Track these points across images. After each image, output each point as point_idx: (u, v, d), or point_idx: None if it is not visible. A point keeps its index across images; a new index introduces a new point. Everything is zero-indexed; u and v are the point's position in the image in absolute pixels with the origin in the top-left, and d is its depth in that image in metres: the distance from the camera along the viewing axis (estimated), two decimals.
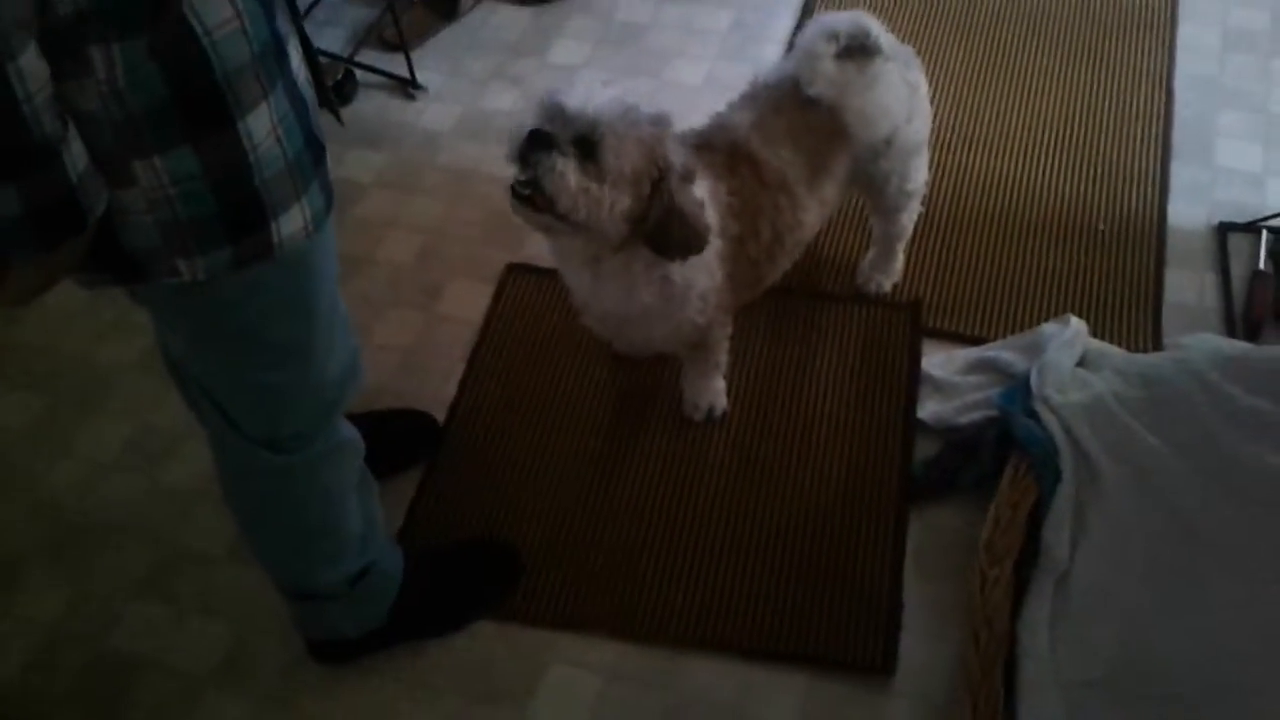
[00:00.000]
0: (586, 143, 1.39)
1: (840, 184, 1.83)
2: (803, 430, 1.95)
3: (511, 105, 2.62)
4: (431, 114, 2.61)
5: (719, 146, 1.67)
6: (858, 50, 1.74)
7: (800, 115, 1.73)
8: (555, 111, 1.41)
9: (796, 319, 2.10)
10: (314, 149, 1.12)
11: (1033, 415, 1.70)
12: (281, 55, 1.06)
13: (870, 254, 2.14)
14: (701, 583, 1.76)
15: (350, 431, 1.45)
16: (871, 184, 1.91)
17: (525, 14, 2.85)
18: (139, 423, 2.04)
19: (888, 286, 2.13)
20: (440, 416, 2.01)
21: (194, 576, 1.82)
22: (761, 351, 2.06)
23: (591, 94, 1.42)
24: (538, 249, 2.17)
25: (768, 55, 2.67)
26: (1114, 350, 1.82)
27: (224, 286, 1.11)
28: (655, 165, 1.43)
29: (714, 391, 1.94)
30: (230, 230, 1.06)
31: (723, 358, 1.91)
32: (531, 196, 1.40)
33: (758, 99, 1.78)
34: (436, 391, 2.05)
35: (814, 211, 1.78)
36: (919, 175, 1.94)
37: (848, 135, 1.76)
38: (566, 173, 1.37)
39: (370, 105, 2.64)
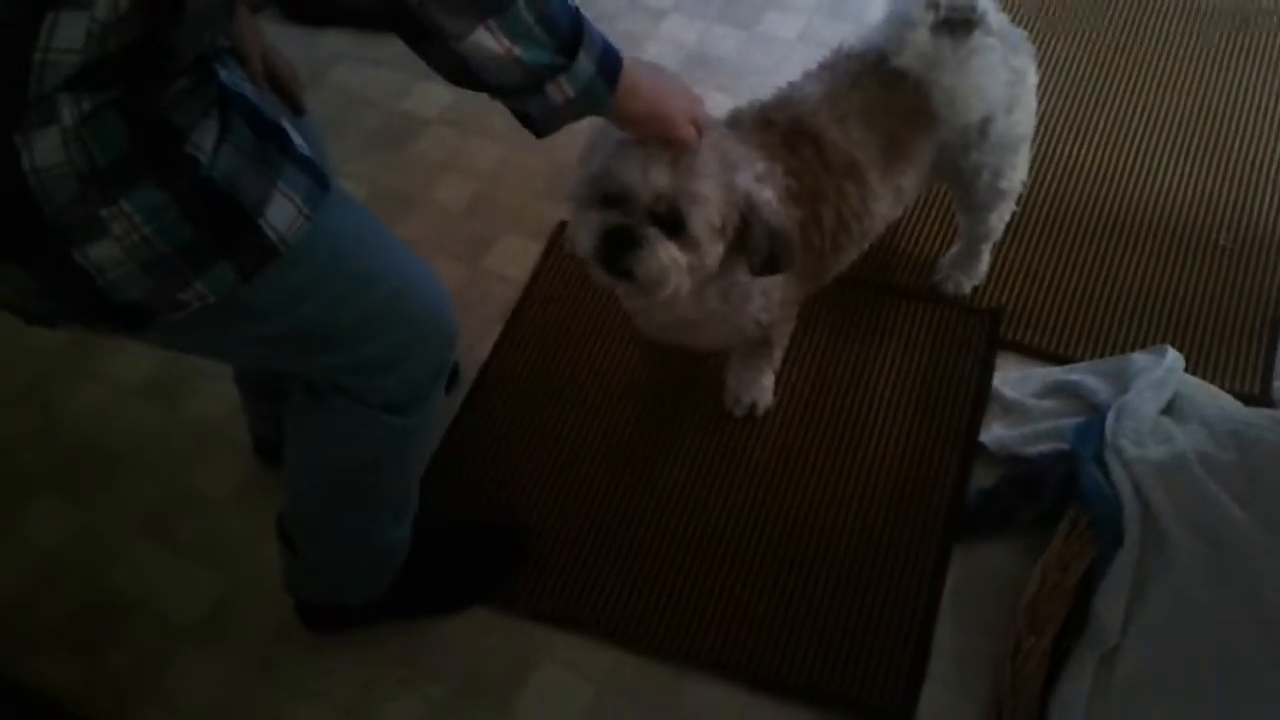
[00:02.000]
0: (670, 218, 1.27)
1: (922, 173, 1.63)
2: (852, 438, 1.78)
3: None
4: None
5: (780, 122, 1.49)
6: (959, 23, 1.53)
7: (881, 92, 1.54)
8: (620, 192, 1.28)
9: (860, 312, 1.92)
10: (272, 136, 1.05)
11: (1102, 465, 1.50)
12: (207, 62, 1.01)
13: (953, 250, 1.94)
14: (715, 596, 1.63)
15: None
16: (959, 178, 1.71)
17: None
18: (168, 354, 1.98)
19: (967, 288, 1.93)
20: (470, 376, 1.91)
21: (196, 518, 1.76)
22: (817, 344, 1.89)
23: (650, 159, 1.26)
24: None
25: (871, 14, 2.43)
26: (1207, 397, 1.59)
27: (253, 298, 1.06)
28: (741, 200, 1.31)
29: (760, 387, 1.79)
30: (217, 244, 1.00)
31: (779, 353, 1.75)
32: (626, 272, 1.31)
33: (835, 69, 1.58)
34: (469, 350, 1.93)
35: (887, 201, 1.59)
36: (1016, 174, 1.73)
37: (934, 118, 1.56)
38: (665, 256, 1.28)
39: None
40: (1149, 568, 1.39)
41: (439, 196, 2.20)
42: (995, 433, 1.75)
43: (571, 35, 1.03)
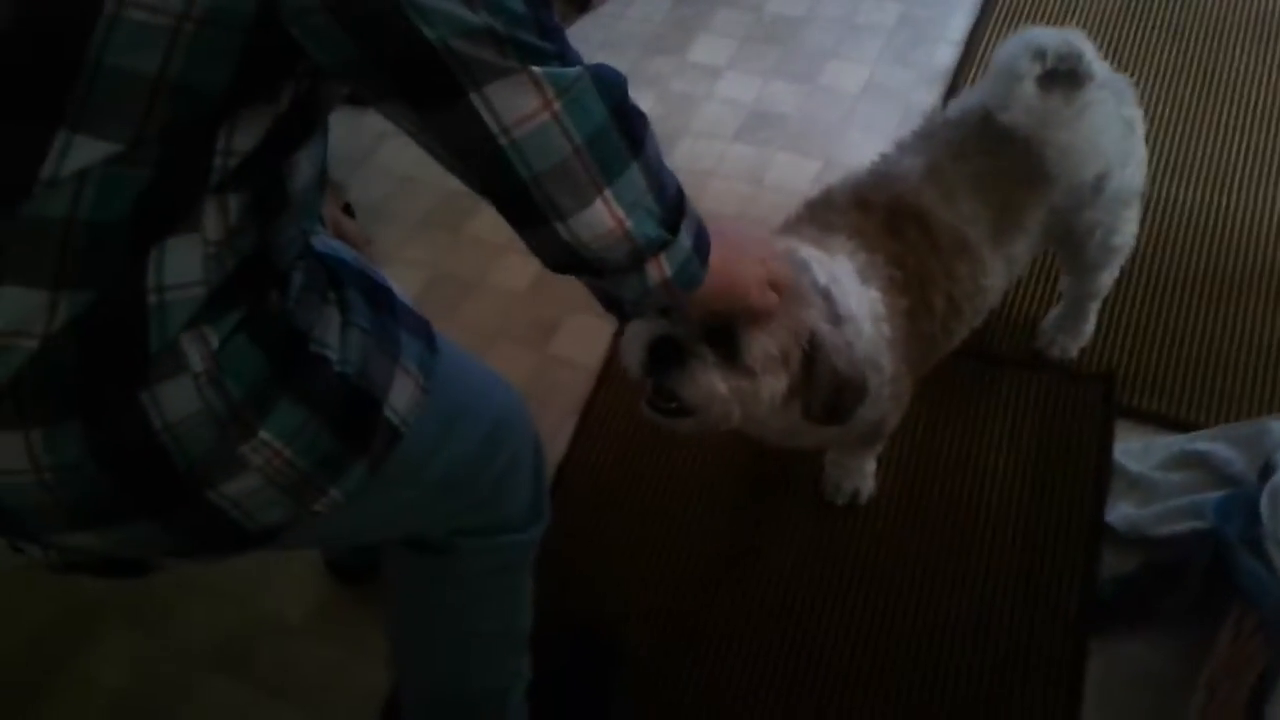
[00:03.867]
0: (722, 334, 1.14)
1: (1034, 240, 1.51)
2: (963, 524, 1.65)
3: (650, 108, 2.34)
4: None
5: (878, 203, 1.38)
6: (1065, 76, 1.42)
7: (988, 159, 1.42)
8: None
9: (961, 386, 1.79)
10: (384, 303, 0.98)
11: (1261, 554, 1.36)
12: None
13: (1056, 310, 1.81)
14: (820, 712, 1.50)
15: None
16: (1070, 238, 1.58)
17: (665, 4, 2.58)
18: None
19: (1074, 351, 1.79)
20: (548, 475, 1.79)
21: (270, 648, 1.66)
22: (918, 420, 1.76)
23: None
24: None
25: (939, 58, 2.33)
26: None
27: (382, 477, 0.98)
28: (802, 331, 1.17)
29: (863, 474, 1.66)
30: (355, 446, 0.93)
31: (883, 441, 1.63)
32: (675, 408, 1.18)
33: (934, 139, 1.47)
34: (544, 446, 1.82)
35: (1000, 274, 1.47)
36: (1129, 229, 1.61)
37: (1047, 179, 1.44)
38: (709, 381, 1.14)
39: None
40: None
41: (500, 278, 2.11)
42: (1122, 511, 1.61)
43: (676, 205, 0.90)
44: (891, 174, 1.43)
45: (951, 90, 2.24)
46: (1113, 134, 1.47)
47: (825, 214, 1.38)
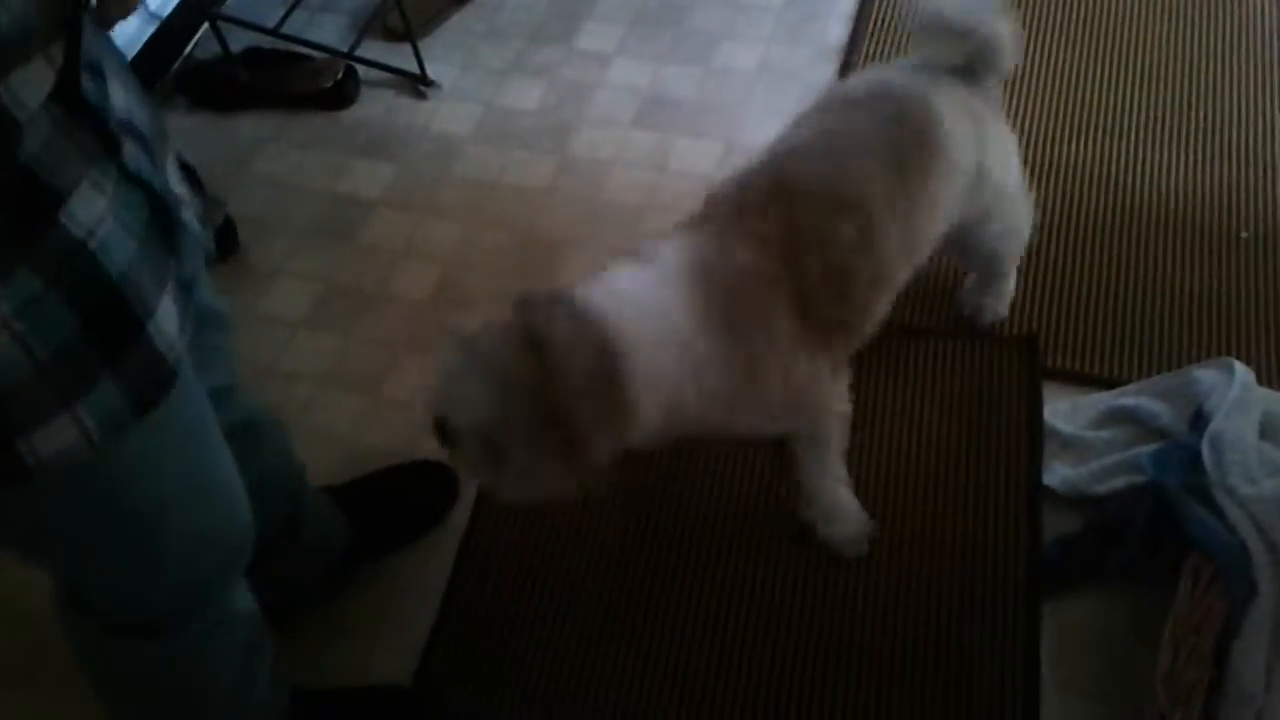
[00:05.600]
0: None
1: (936, 216, 1.42)
2: (904, 501, 1.62)
3: (538, 103, 2.27)
4: (445, 115, 2.27)
5: (760, 182, 1.31)
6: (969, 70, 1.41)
7: (885, 128, 1.36)
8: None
9: (887, 362, 1.76)
10: (107, 328, 0.80)
11: (1208, 502, 1.36)
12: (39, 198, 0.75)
13: (972, 277, 1.80)
14: (769, 702, 1.45)
15: None
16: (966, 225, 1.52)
17: None
18: None
19: (1004, 311, 1.78)
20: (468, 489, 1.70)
21: None
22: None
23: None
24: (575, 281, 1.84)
25: (831, 34, 2.30)
26: None
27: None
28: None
29: (838, 508, 1.56)
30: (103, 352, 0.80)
31: (837, 456, 1.52)
32: None
33: (829, 111, 1.43)
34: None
35: (899, 242, 1.37)
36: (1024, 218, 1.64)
37: (941, 156, 1.38)
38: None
39: (375, 107, 2.30)
40: None
41: (401, 288, 1.99)
42: (1059, 473, 1.60)
43: None
44: (778, 149, 1.38)
45: (846, 66, 2.22)
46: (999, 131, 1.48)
47: (713, 206, 1.32)
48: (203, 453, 1.00)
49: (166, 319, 0.85)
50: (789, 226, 1.27)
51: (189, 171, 2.04)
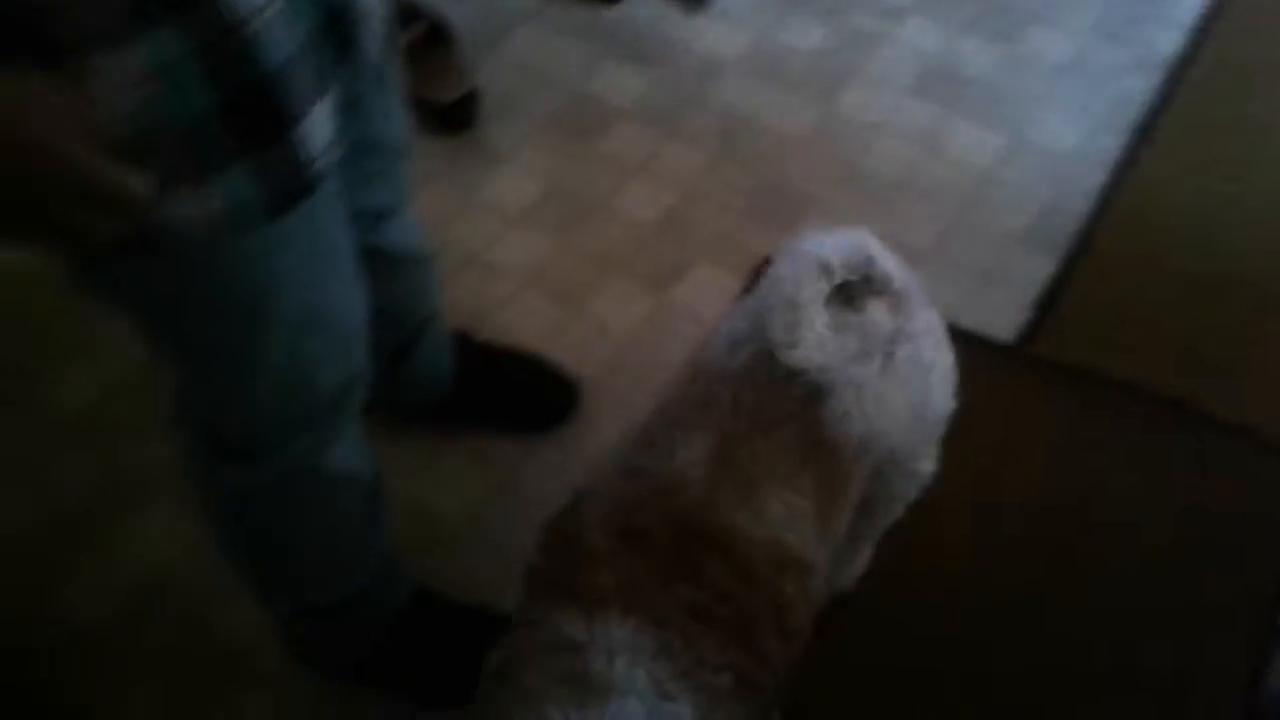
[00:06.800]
0: None
1: (855, 501, 1.06)
2: None
3: (816, 44, 2.09)
4: (714, 35, 2.11)
5: (654, 530, 0.93)
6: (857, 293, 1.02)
7: (788, 422, 0.99)
8: None
9: None
10: (248, 117, 0.77)
11: None
12: None
13: None
14: None
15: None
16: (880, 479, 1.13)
17: None
18: None
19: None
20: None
21: None
22: None
23: None
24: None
25: (1161, 43, 2.03)
26: None
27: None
28: None
29: None
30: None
31: None
32: None
33: (713, 405, 0.99)
34: (640, 404, 1.60)
35: (827, 558, 1.02)
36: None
37: (861, 434, 1.01)
38: None
39: (644, 10, 2.16)
40: None
41: (627, 206, 1.88)
42: None
43: None
44: (665, 475, 0.96)
45: (1171, 82, 1.95)
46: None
47: (570, 559, 0.93)
48: (322, 279, 0.95)
49: (318, 128, 0.83)
50: (733, 604, 0.92)
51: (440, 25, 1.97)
